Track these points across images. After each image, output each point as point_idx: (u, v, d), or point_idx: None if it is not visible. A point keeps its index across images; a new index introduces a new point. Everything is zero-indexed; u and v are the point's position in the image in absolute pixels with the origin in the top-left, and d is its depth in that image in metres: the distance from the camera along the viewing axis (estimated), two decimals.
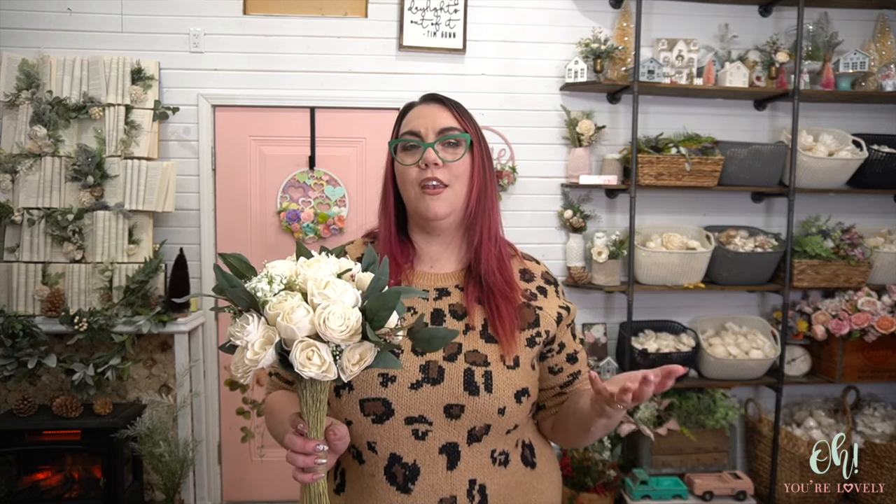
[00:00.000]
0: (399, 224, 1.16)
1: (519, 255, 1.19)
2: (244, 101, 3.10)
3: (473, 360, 1.04)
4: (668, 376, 0.87)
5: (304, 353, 0.79)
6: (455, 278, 1.13)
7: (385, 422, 1.02)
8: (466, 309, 1.09)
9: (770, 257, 3.12)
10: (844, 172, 3.15)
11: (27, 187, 2.84)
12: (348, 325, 0.79)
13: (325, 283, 0.81)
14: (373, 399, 1.02)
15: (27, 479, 2.85)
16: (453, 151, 1.10)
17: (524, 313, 1.10)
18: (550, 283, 1.18)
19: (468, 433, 1.03)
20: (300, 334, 0.79)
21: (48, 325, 2.77)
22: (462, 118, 1.12)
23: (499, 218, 1.15)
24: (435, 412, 1.02)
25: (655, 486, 2.97)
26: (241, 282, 0.83)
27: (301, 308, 0.80)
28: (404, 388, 1.02)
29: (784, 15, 3.25)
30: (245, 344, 0.81)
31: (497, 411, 1.03)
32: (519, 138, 3.21)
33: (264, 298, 0.81)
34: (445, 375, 1.03)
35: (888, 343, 3.14)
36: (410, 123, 1.11)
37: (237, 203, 3.15)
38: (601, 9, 3.20)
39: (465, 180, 1.10)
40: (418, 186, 1.08)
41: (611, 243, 3.11)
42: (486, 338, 1.07)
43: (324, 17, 3.11)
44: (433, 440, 1.03)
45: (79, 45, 2.99)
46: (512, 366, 1.06)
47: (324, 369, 0.79)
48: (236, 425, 3.17)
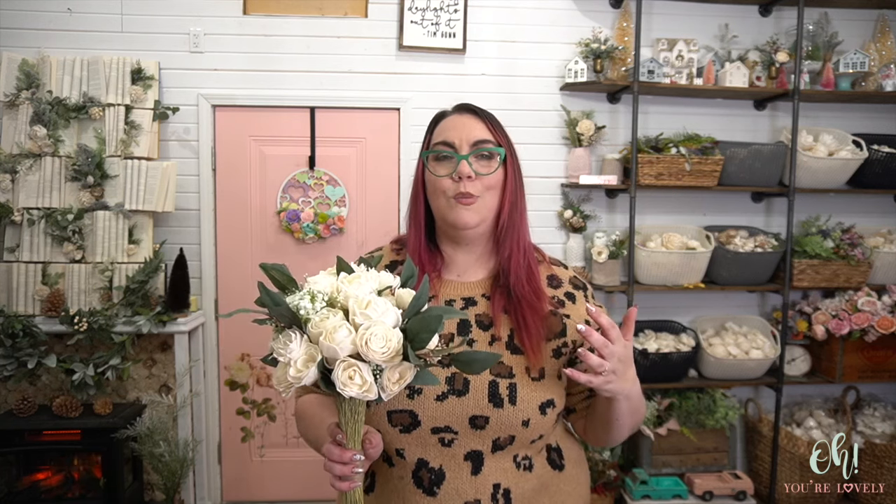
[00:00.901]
0: (428, 233, 1.17)
1: (547, 260, 1.19)
2: (244, 101, 3.10)
3: (498, 373, 1.05)
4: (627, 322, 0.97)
5: (346, 373, 0.80)
6: (482, 287, 1.13)
7: (412, 431, 1.04)
8: (493, 319, 1.09)
9: (770, 257, 3.12)
10: (844, 172, 3.15)
11: (27, 187, 2.84)
12: (390, 346, 0.80)
13: (367, 303, 0.82)
14: (400, 411, 1.04)
15: (27, 479, 2.85)
16: (487, 164, 1.10)
17: (551, 322, 1.09)
18: (579, 287, 1.17)
19: (493, 442, 1.05)
20: (342, 354, 0.80)
21: (48, 325, 2.77)
22: (496, 130, 1.14)
23: (527, 228, 1.16)
24: (460, 423, 1.04)
25: (655, 486, 2.97)
26: (284, 297, 0.83)
27: (343, 328, 0.81)
28: (430, 399, 1.04)
29: (784, 15, 3.25)
30: (288, 361, 0.82)
31: (521, 423, 1.04)
32: (519, 138, 3.14)
33: (307, 316, 0.82)
34: (471, 387, 1.04)
35: (888, 343, 3.14)
36: (444, 134, 1.12)
37: (237, 203, 3.15)
38: (601, 9, 3.20)
39: (496, 192, 1.11)
40: (451, 197, 1.08)
41: (611, 243, 3.11)
42: (512, 349, 1.07)
43: (324, 17, 3.11)
44: (458, 447, 1.05)
45: (79, 45, 2.99)
46: (537, 378, 1.07)
47: (365, 389, 0.80)
48: (236, 425, 3.17)
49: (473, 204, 1.08)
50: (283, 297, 0.83)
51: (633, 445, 3.18)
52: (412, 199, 1.17)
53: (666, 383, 3.10)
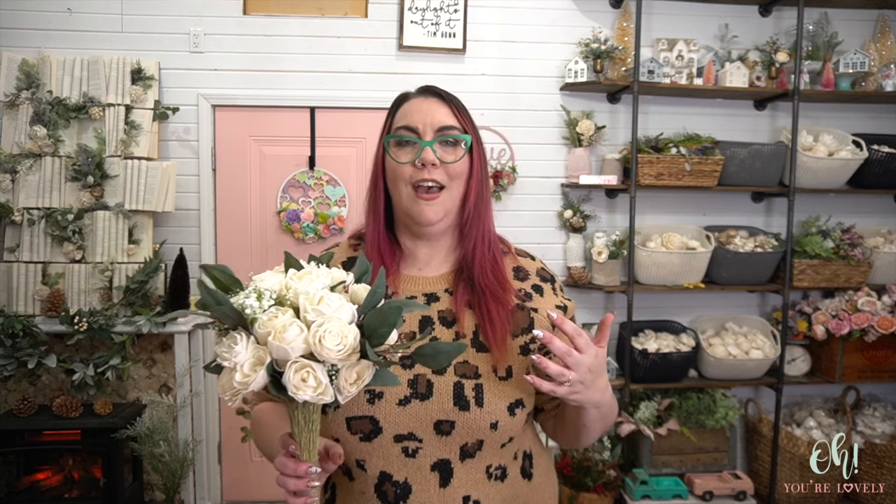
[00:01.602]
0: (387, 223, 1.10)
1: (512, 251, 1.13)
2: (244, 101, 3.10)
3: (463, 373, 0.99)
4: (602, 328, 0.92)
5: (299, 375, 0.74)
6: (445, 282, 1.07)
7: (373, 440, 0.98)
8: (456, 315, 1.03)
9: (770, 257, 3.12)
10: (844, 172, 3.15)
11: (27, 187, 2.84)
12: (346, 343, 0.75)
13: (320, 299, 0.76)
14: (360, 417, 0.97)
15: (27, 479, 2.85)
16: (453, 151, 1.03)
17: (517, 317, 1.03)
18: (546, 280, 1.11)
19: (460, 449, 0.99)
20: (293, 354, 0.74)
21: (48, 325, 2.77)
22: (461, 116, 1.06)
23: (492, 218, 1.10)
24: (424, 429, 0.97)
25: (655, 486, 2.97)
26: (228, 297, 0.77)
27: (294, 326, 0.75)
28: (392, 404, 0.97)
29: (784, 15, 3.25)
30: (233, 365, 0.75)
31: (489, 426, 0.98)
32: (519, 138, 3.21)
33: (253, 316, 0.76)
34: (434, 390, 0.98)
35: (888, 343, 3.14)
36: (407, 118, 1.04)
37: (237, 203, 3.15)
38: (601, 9, 3.20)
39: (461, 182, 1.04)
40: (411, 186, 1.02)
41: (611, 243, 3.11)
42: (478, 346, 1.01)
43: (324, 17, 3.11)
44: (424, 457, 0.98)
45: (79, 45, 2.99)
46: (504, 377, 1.00)
47: (320, 391, 0.75)
48: (236, 425, 3.17)
49: (437, 199, 1.02)
50: (227, 297, 0.77)
51: (633, 445, 3.17)
52: (370, 187, 1.10)
53: (666, 383, 3.10)
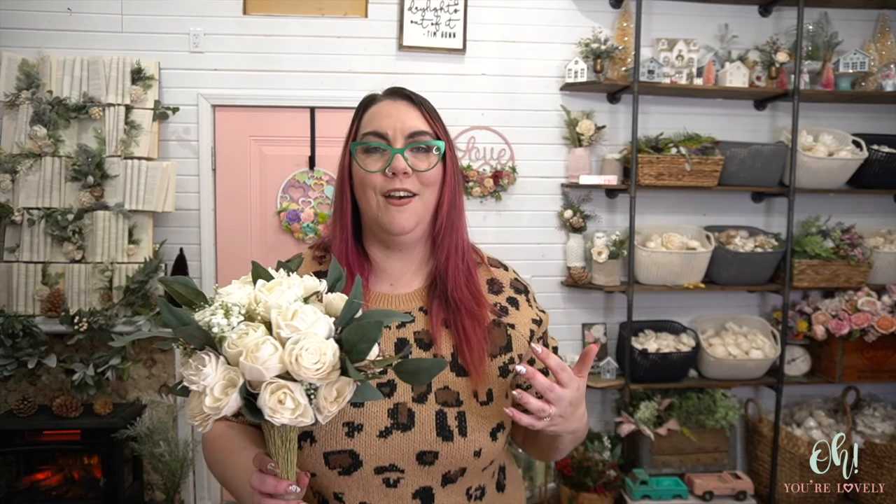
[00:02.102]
0: (355, 235, 1.03)
1: (486, 262, 1.08)
2: (244, 101, 3.10)
3: (445, 400, 0.95)
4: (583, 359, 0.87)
5: (275, 397, 0.69)
6: (419, 299, 1.02)
7: (353, 473, 0.93)
8: (433, 336, 0.97)
9: (770, 257, 3.12)
10: (844, 172, 3.15)
11: (27, 187, 2.84)
12: (325, 361, 0.69)
13: (293, 313, 0.71)
14: (338, 452, 0.92)
15: (27, 479, 2.85)
16: (425, 158, 0.97)
17: (494, 335, 1.00)
18: (521, 291, 1.07)
19: (442, 477, 0.95)
20: (268, 375, 0.69)
21: (48, 325, 2.77)
22: (433, 120, 1.00)
23: (465, 227, 1.05)
24: (406, 460, 0.93)
25: (655, 486, 2.97)
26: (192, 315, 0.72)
27: (268, 344, 0.70)
28: (372, 437, 0.92)
29: (784, 15, 3.25)
30: (203, 388, 0.70)
31: (473, 454, 0.95)
32: (519, 138, 3.21)
33: (221, 334, 0.70)
34: (416, 420, 0.93)
35: (888, 343, 3.14)
36: (375, 122, 0.98)
37: (237, 203, 3.15)
38: (601, 9, 3.20)
39: (435, 190, 0.99)
40: (381, 196, 0.96)
41: (611, 243, 3.11)
42: (457, 370, 0.97)
43: (324, 17, 3.11)
44: (406, 486, 0.95)
45: (79, 45, 2.99)
46: (486, 401, 0.97)
47: (298, 413, 0.70)
48: None
49: (409, 205, 0.96)
50: (191, 315, 0.72)
51: (633, 445, 3.18)
52: (337, 195, 1.03)
53: (666, 383, 3.10)
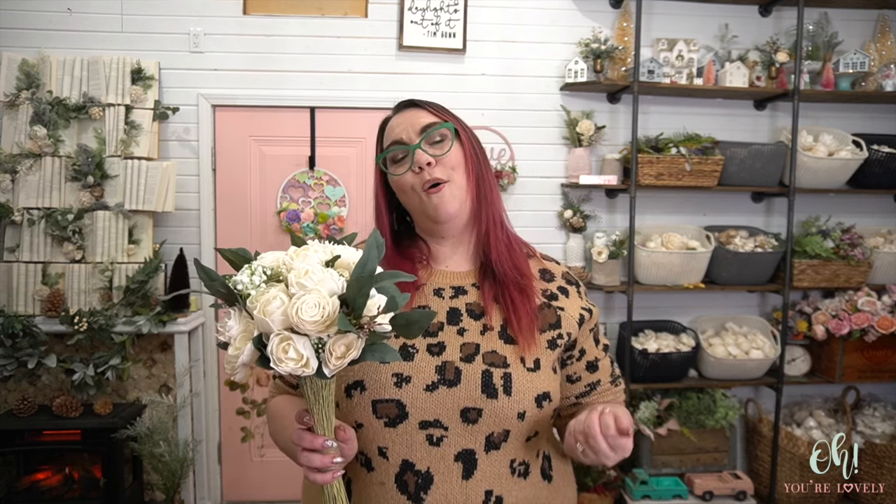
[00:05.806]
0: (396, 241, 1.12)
1: (538, 255, 1.17)
2: (244, 101, 3.10)
3: (492, 362, 1.00)
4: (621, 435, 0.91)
5: (280, 347, 0.75)
6: (471, 277, 1.10)
7: (398, 425, 0.98)
8: (484, 308, 1.05)
9: (770, 257, 3.12)
10: (844, 172, 3.15)
11: (27, 187, 2.84)
12: (324, 313, 0.74)
13: (305, 272, 0.76)
14: (386, 400, 0.98)
15: (27, 479, 2.85)
16: (441, 146, 1.06)
17: (545, 314, 1.06)
18: (572, 283, 1.15)
19: (486, 439, 0.98)
20: (275, 327, 0.74)
21: (48, 325, 2.77)
22: (440, 112, 1.09)
23: (501, 205, 1.12)
24: (451, 416, 0.97)
25: (655, 486, 2.97)
26: (224, 276, 0.80)
27: (277, 299, 0.75)
28: (419, 389, 0.97)
29: (784, 15, 3.25)
30: (228, 339, 0.79)
31: (517, 415, 0.98)
32: (519, 138, 3.21)
33: (245, 291, 0.77)
34: (462, 377, 0.98)
35: (888, 343, 3.14)
36: (392, 134, 1.09)
37: (237, 203, 3.15)
38: (601, 9, 3.20)
39: (461, 170, 1.06)
40: (421, 191, 1.05)
41: (611, 243, 3.11)
42: (506, 339, 1.03)
43: (324, 17, 3.11)
44: (448, 447, 0.98)
45: (79, 45, 2.99)
46: (533, 368, 1.02)
47: (301, 363, 0.75)
48: (236, 425, 3.17)
49: (444, 189, 1.04)
50: (218, 274, 0.80)
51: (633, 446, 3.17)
52: (375, 210, 1.13)
53: (666, 383, 3.10)
